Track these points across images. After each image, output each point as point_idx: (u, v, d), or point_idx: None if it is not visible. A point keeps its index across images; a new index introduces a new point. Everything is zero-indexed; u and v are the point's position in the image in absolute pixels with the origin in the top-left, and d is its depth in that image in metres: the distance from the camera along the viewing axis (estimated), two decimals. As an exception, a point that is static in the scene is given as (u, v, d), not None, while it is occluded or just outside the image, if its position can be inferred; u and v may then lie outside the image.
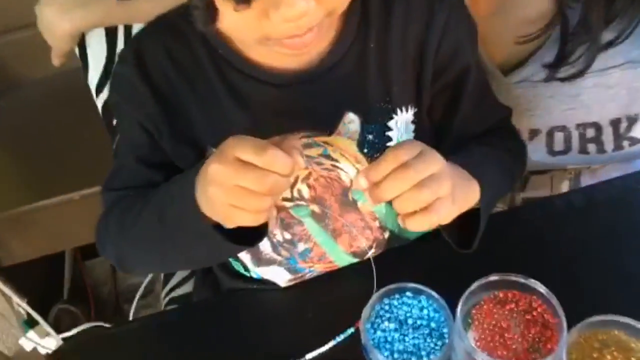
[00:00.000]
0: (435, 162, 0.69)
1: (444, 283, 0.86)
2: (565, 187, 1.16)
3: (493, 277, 0.77)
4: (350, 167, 0.86)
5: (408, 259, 0.93)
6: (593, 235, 0.91)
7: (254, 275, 0.95)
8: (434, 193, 0.67)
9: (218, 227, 0.71)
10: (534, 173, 1.14)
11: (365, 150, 0.84)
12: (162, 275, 1.42)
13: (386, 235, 0.92)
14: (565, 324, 0.73)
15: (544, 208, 0.96)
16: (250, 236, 0.73)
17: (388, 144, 0.85)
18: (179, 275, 1.30)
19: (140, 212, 0.81)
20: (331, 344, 0.87)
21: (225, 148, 0.65)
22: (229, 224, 0.69)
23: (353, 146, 0.84)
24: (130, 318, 1.46)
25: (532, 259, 0.83)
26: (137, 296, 1.64)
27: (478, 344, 0.76)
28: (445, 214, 0.71)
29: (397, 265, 0.90)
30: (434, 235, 0.88)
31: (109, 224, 0.86)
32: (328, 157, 0.85)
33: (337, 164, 0.85)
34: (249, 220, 0.67)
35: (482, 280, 0.77)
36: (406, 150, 0.68)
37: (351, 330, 0.88)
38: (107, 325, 1.35)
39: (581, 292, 0.76)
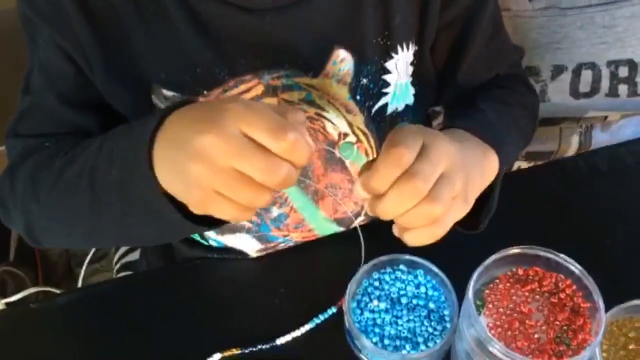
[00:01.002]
0: (443, 158, 0.54)
1: (446, 257, 0.71)
2: (574, 141, 1.02)
3: (513, 250, 0.62)
4: (338, 118, 0.69)
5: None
6: (623, 202, 0.77)
7: (214, 244, 0.78)
8: (447, 202, 0.53)
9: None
10: (542, 124, 0.99)
11: (358, 98, 0.68)
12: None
13: None
14: (603, 310, 0.59)
15: (564, 169, 0.81)
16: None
17: (384, 90, 0.68)
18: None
19: (62, 171, 0.62)
20: (307, 326, 0.72)
21: (227, 116, 0.48)
22: (202, 211, 0.52)
23: (343, 91, 0.68)
24: (80, 284, 1.32)
25: (552, 229, 0.68)
26: (87, 260, 1.49)
27: (492, 332, 0.61)
28: (455, 218, 0.57)
29: (389, 235, 0.74)
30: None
31: (16, 182, 0.67)
32: (312, 103, 0.69)
33: (322, 112, 0.69)
34: (233, 214, 0.51)
35: (500, 254, 0.62)
36: (408, 148, 0.52)
37: (332, 310, 0.73)
38: (54, 290, 1.23)
39: (613, 272, 0.62)
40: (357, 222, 0.78)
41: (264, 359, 0.69)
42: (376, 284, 0.73)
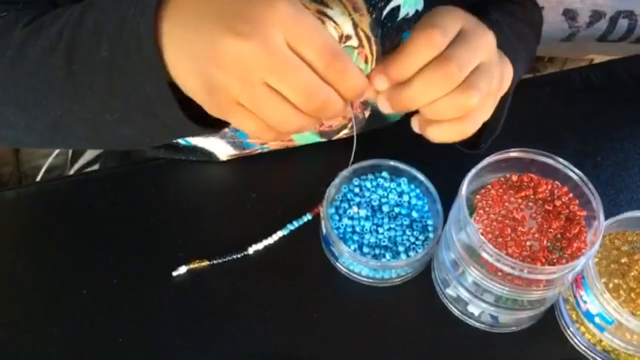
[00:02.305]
0: (484, 47, 0.47)
1: (431, 165, 0.67)
2: None
3: (509, 153, 0.58)
4: (344, 16, 0.62)
5: (388, 140, 0.72)
6: (615, 118, 0.73)
7: (182, 142, 0.71)
8: (483, 94, 0.46)
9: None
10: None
11: None
12: (69, 153, 1.17)
13: (367, 113, 0.70)
14: (602, 218, 0.55)
15: (557, 83, 0.77)
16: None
17: None
18: (92, 151, 1.05)
19: (24, 44, 0.51)
20: (280, 233, 0.67)
21: (274, 20, 0.40)
22: (220, 117, 0.44)
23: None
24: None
25: (541, 144, 0.63)
26: (39, 176, 1.41)
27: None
28: (485, 116, 0.49)
29: (373, 146, 0.69)
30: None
31: None
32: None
33: (326, 9, 0.61)
34: (255, 131, 0.43)
35: (494, 157, 0.57)
36: (443, 30, 0.45)
37: (308, 216, 0.68)
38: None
39: (602, 187, 0.58)
40: (341, 134, 0.72)
41: (234, 270, 0.64)
42: (356, 190, 0.68)
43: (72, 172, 1.09)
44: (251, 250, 0.66)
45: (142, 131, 0.51)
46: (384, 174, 0.68)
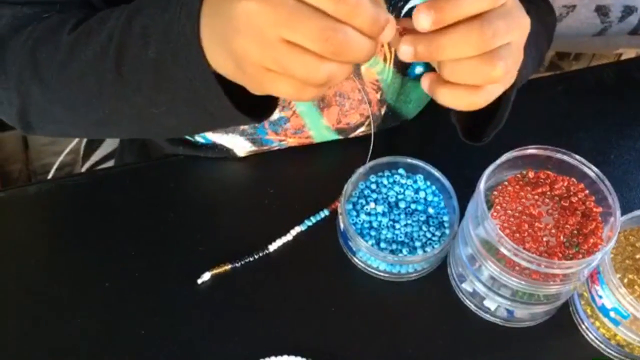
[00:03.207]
0: (521, 28, 0.47)
1: (447, 163, 0.68)
2: None
3: (525, 150, 0.59)
4: None
5: (404, 137, 0.73)
6: (628, 117, 0.74)
7: (201, 140, 0.72)
8: (505, 70, 0.45)
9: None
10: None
11: None
12: (81, 151, 1.18)
13: (383, 110, 0.71)
14: (618, 214, 0.56)
15: (571, 82, 0.78)
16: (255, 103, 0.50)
17: None
18: (104, 148, 1.06)
19: (74, 49, 0.54)
20: (298, 229, 0.68)
21: None
22: (259, 91, 0.46)
23: None
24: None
25: (554, 141, 0.64)
26: (51, 174, 1.41)
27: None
28: (494, 95, 0.49)
29: (390, 143, 0.70)
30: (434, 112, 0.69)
31: (7, 57, 0.58)
32: None
33: None
34: (291, 92, 0.44)
35: (512, 154, 0.58)
36: None
37: (325, 212, 0.69)
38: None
39: (616, 185, 0.59)
40: (358, 132, 0.73)
41: (253, 265, 0.65)
42: (373, 186, 0.69)
43: (83, 169, 1.10)
44: (272, 248, 0.67)
45: (188, 121, 0.54)
46: (401, 170, 0.69)
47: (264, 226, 0.68)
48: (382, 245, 0.65)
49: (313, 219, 0.68)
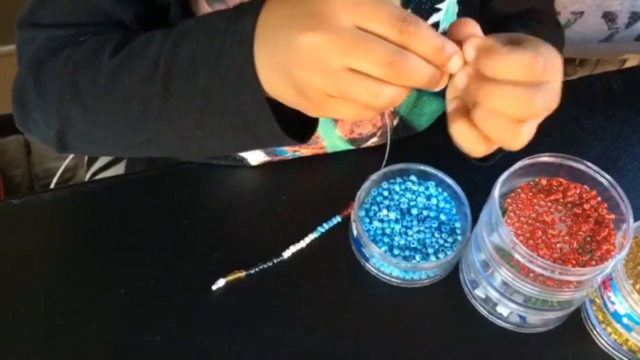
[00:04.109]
0: (558, 70, 0.48)
1: (458, 170, 0.68)
2: None
3: (539, 158, 0.59)
4: None
5: (416, 144, 0.73)
6: (636, 124, 0.75)
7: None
8: (542, 110, 0.46)
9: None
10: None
11: (409, 12, 0.62)
12: (85, 157, 1.18)
13: (395, 122, 0.72)
14: (631, 221, 0.56)
15: (579, 89, 0.78)
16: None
17: (437, 5, 0.62)
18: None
19: (117, 74, 0.54)
20: (312, 236, 0.68)
21: (336, 6, 0.42)
22: (318, 115, 0.48)
23: (396, 2, 0.61)
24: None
25: (564, 148, 0.65)
26: (55, 179, 1.41)
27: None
28: (528, 136, 0.48)
29: (401, 151, 0.71)
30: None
31: (44, 80, 0.58)
32: None
33: None
34: (354, 115, 0.45)
35: (525, 161, 0.59)
36: (544, 67, 0.44)
37: (337, 219, 0.69)
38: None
39: (628, 189, 0.60)
40: (370, 142, 0.73)
41: (267, 272, 0.66)
42: (385, 193, 0.69)
43: (88, 175, 1.11)
44: (286, 255, 0.67)
45: (232, 144, 0.55)
46: (412, 177, 0.70)
47: (277, 233, 0.68)
48: (395, 251, 0.65)
49: (326, 225, 0.69)
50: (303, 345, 0.62)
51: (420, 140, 0.74)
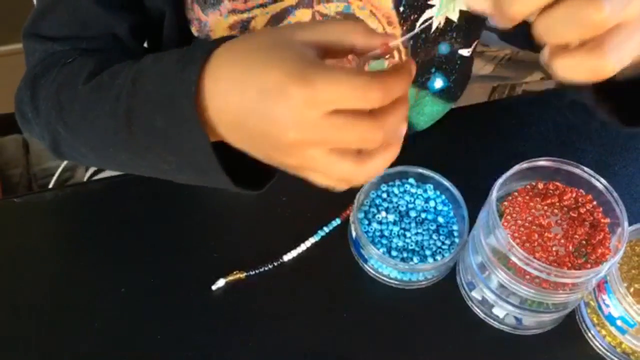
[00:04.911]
0: None
1: (456, 173, 0.69)
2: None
3: (536, 162, 0.60)
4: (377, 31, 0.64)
5: (414, 147, 0.74)
6: (633, 132, 0.76)
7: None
8: (614, 13, 0.35)
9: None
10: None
11: (402, 9, 0.63)
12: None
13: None
14: (626, 225, 0.57)
15: (575, 95, 0.79)
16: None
17: (430, 1, 0.63)
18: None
19: (89, 102, 0.54)
20: (312, 240, 0.69)
21: (303, 89, 0.39)
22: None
23: (388, 1, 0.63)
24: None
25: (565, 151, 0.67)
26: (53, 180, 1.42)
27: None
28: (625, 53, 0.37)
29: (400, 154, 0.71)
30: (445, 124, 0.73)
31: (38, 95, 0.60)
32: (350, 17, 0.64)
33: None
34: (329, 184, 0.44)
35: (522, 165, 0.60)
36: None
37: (337, 221, 0.70)
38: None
39: (622, 194, 0.61)
40: None
41: (267, 274, 0.66)
42: (384, 195, 0.70)
43: (88, 174, 1.11)
44: (286, 258, 0.68)
45: (199, 181, 0.54)
46: (411, 180, 0.71)
47: (277, 233, 0.69)
48: (393, 253, 0.66)
49: (326, 229, 0.70)
50: (302, 345, 0.63)
51: (419, 143, 0.74)
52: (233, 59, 0.44)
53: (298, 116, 0.40)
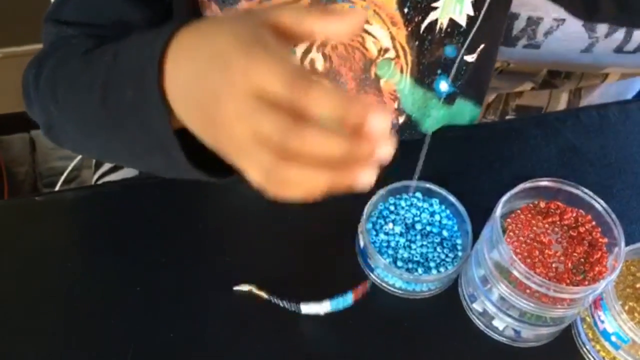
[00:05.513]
0: None
1: (460, 189, 0.72)
2: (563, 99, 1.06)
3: (539, 182, 0.63)
4: (382, 31, 0.67)
5: (423, 164, 0.77)
6: (632, 154, 0.79)
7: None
8: None
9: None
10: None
11: (406, 11, 0.66)
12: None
13: (401, 120, 0.76)
14: (623, 245, 0.60)
15: (578, 117, 0.83)
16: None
17: (433, 4, 0.67)
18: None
19: (76, 74, 0.56)
20: (327, 305, 0.66)
21: (243, 60, 0.38)
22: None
23: (391, 1, 0.66)
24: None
25: (564, 172, 0.70)
26: (63, 178, 1.44)
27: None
28: None
29: (408, 167, 0.74)
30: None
31: (41, 73, 0.60)
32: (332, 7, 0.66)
33: (366, 26, 0.67)
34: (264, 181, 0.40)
35: (526, 185, 0.63)
36: None
37: (349, 298, 0.65)
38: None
39: (620, 215, 0.64)
40: None
41: (278, 284, 0.69)
42: (391, 208, 0.73)
43: (96, 175, 1.14)
44: (304, 310, 0.66)
45: (167, 166, 0.53)
46: (418, 194, 0.74)
47: (288, 236, 0.72)
48: (399, 263, 0.69)
49: (340, 303, 0.66)
50: (306, 351, 0.65)
51: (427, 159, 0.78)
52: (198, 28, 0.43)
53: (231, 86, 0.38)
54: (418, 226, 0.72)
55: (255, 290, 0.67)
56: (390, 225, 0.71)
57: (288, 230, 0.73)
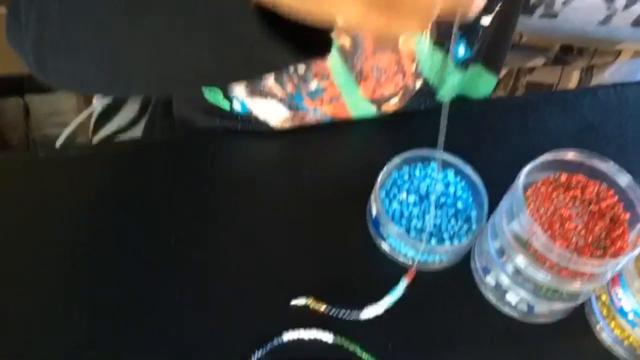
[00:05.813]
0: None
1: (476, 161, 0.70)
2: (575, 77, 1.05)
3: (564, 154, 0.61)
4: None
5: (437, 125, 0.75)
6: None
7: (238, 108, 0.73)
8: None
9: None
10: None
11: None
12: (91, 123, 1.18)
13: (417, 84, 0.74)
14: (646, 221, 0.59)
15: (596, 95, 0.81)
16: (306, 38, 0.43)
17: None
18: (116, 122, 1.07)
19: None
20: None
21: None
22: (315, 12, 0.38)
23: None
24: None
25: (581, 147, 0.68)
26: (59, 143, 1.40)
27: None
28: None
29: (420, 129, 0.72)
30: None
31: None
32: None
33: None
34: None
35: (548, 156, 0.61)
36: None
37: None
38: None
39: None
40: (392, 102, 0.75)
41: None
42: (405, 177, 0.71)
43: (95, 140, 1.11)
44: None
45: (212, 54, 0.47)
46: (433, 164, 0.72)
47: (298, 205, 0.70)
48: (412, 233, 0.67)
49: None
50: (310, 317, 0.64)
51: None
52: None
53: None
54: (432, 197, 0.70)
55: (310, 304, 0.65)
56: (404, 194, 0.69)
57: (299, 195, 0.71)
